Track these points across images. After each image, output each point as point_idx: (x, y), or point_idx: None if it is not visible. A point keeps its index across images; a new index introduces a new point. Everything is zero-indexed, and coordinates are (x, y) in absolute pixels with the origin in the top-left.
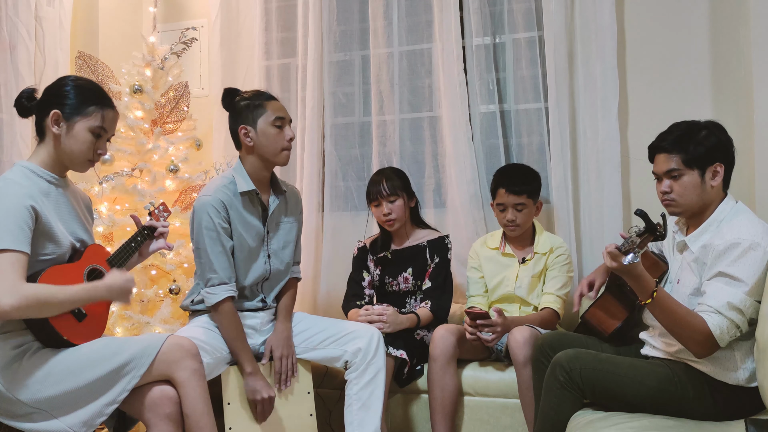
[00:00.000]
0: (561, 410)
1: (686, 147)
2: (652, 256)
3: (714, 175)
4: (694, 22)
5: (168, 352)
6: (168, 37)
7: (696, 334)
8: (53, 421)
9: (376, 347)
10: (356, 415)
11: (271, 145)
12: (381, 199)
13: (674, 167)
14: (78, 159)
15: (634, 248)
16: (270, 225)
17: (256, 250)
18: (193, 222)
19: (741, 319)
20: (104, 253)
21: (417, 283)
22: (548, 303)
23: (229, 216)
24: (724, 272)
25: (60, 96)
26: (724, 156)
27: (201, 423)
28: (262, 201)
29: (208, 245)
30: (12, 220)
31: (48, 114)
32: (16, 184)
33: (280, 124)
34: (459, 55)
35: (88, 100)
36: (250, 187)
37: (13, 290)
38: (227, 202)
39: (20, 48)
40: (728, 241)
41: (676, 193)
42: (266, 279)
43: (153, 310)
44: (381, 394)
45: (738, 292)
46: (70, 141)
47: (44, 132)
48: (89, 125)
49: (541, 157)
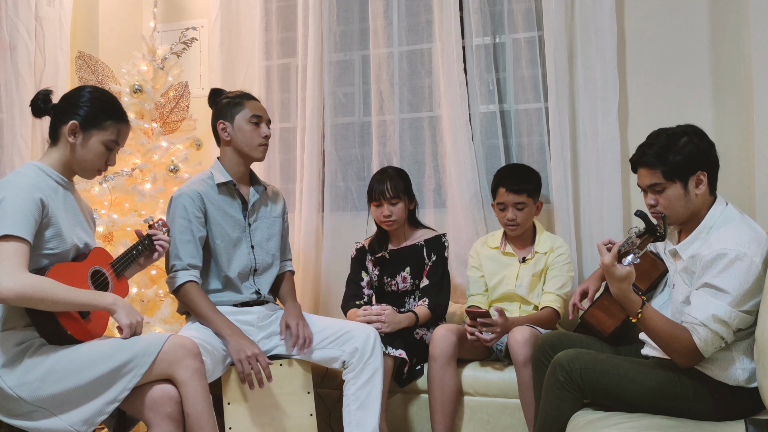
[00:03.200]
0: (561, 410)
1: (665, 159)
2: (651, 256)
3: (698, 184)
4: (694, 23)
5: (169, 352)
6: (168, 37)
7: (680, 347)
8: (54, 419)
9: (373, 347)
10: (354, 416)
11: (247, 140)
12: (383, 200)
13: (656, 182)
14: (89, 169)
15: (634, 249)
16: (251, 216)
17: (238, 240)
18: (168, 213)
19: (726, 331)
20: (108, 257)
21: (415, 283)
22: (549, 302)
23: (205, 207)
24: (710, 284)
25: (78, 107)
26: (705, 162)
27: (202, 422)
28: (241, 194)
29: (177, 233)
30: (19, 208)
31: (66, 122)
32: (27, 176)
33: (257, 122)
34: (459, 55)
35: (105, 114)
36: (227, 178)
37: (14, 276)
38: (203, 193)
39: (20, 48)
40: (715, 252)
41: (661, 206)
42: (255, 270)
43: (153, 310)
44: (378, 394)
45: (723, 304)
46: (83, 151)
47: (58, 137)
48: (104, 139)
49: (541, 157)
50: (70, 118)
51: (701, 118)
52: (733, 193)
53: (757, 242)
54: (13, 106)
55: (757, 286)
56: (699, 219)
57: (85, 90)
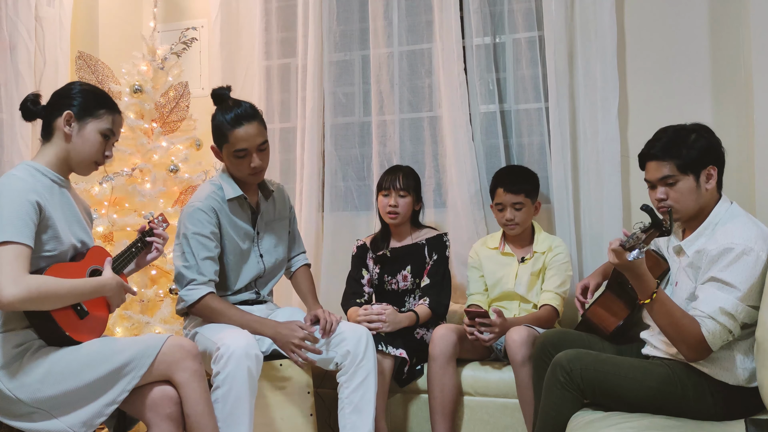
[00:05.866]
0: (561, 410)
1: (678, 152)
2: (654, 254)
3: (708, 178)
4: (694, 23)
5: (168, 353)
6: (168, 37)
7: (689, 337)
8: (53, 421)
9: (365, 349)
10: (349, 419)
11: (236, 170)
12: (393, 190)
13: (668, 174)
14: (86, 160)
15: (639, 244)
16: (260, 226)
17: (247, 251)
18: (181, 226)
19: (733, 324)
20: (106, 255)
21: (416, 282)
22: (547, 300)
23: (219, 221)
24: (717, 277)
25: (71, 98)
26: (716, 158)
27: (202, 423)
28: (251, 204)
29: (195, 249)
30: (16, 213)
31: (60, 114)
32: (21, 180)
33: (243, 155)
34: (459, 55)
35: (98, 103)
36: (237, 193)
37: (16, 281)
38: (217, 208)
39: (20, 48)
40: (721, 246)
41: (672, 199)
42: (260, 276)
43: (153, 310)
44: (372, 397)
45: (730, 298)
46: (80, 141)
47: (52, 133)
48: (100, 127)
49: (541, 157)
50: (64, 110)
51: (701, 118)
52: (733, 193)
53: (763, 238)
54: (13, 106)
55: (763, 281)
56: (704, 216)
57: (75, 84)
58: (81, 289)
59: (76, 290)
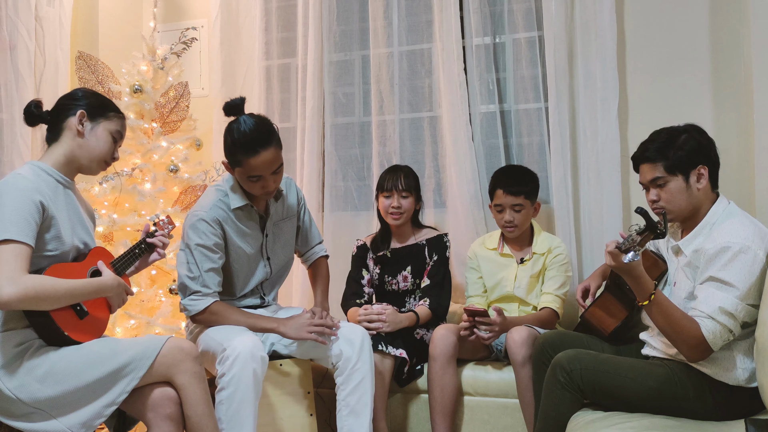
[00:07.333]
0: (561, 410)
1: (667, 154)
2: (652, 255)
3: (699, 178)
4: (694, 23)
5: (168, 355)
6: (168, 37)
7: (690, 338)
8: (52, 422)
9: (359, 352)
10: (346, 421)
11: (248, 188)
12: (395, 191)
13: (658, 175)
14: (98, 158)
15: (634, 246)
16: (268, 228)
17: (255, 256)
18: (184, 235)
19: (733, 323)
20: (108, 256)
21: (416, 282)
22: (547, 302)
23: (224, 232)
24: (715, 277)
25: (81, 99)
26: (706, 158)
27: (202, 424)
28: (259, 211)
29: (199, 261)
30: (19, 212)
31: (72, 114)
32: (26, 179)
33: (256, 180)
34: (459, 55)
35: (106, 107)
36: (243, 202)
37: (15, 280)
38: (222, 218)
39: (20, 48)
40: (719, 245)
41: (664, 200)
42: (266, 280)
43: (153, 310)
44: (369, 400)
45: (729, 297)
46: (94, 139)
47: (61, 133)
48: (111, 128)
49: (541, 157)
50: (78, 109)
51: (701, 118)
52: (733, 193)
53: (760, 237)
54: (13, 106)
55: (761, 279)
56: (701, 216)
57: (79, 89)
58: (80, 289)
59: (75, 291)
